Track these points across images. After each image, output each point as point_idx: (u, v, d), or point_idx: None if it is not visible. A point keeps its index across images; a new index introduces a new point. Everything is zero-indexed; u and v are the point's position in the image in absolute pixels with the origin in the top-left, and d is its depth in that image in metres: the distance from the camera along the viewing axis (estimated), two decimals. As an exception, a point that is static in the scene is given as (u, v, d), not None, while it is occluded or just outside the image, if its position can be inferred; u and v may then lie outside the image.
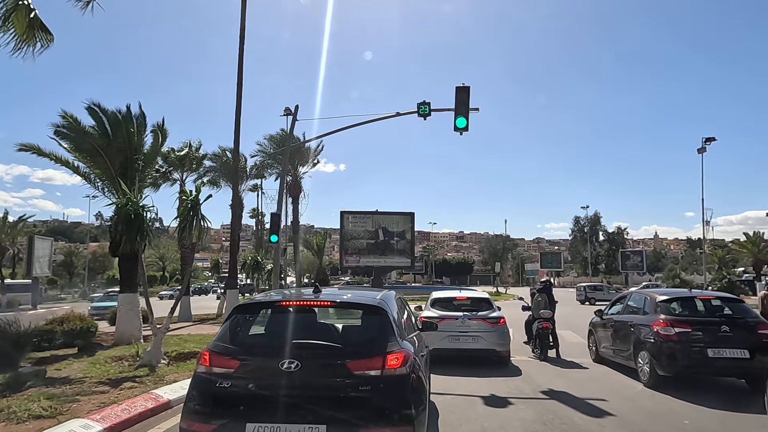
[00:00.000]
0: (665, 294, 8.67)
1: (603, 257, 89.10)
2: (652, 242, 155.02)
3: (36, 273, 38.90)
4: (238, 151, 25.69)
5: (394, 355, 3.80)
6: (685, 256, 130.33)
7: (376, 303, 4.27)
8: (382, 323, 4.07)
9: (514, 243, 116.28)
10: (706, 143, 36.56)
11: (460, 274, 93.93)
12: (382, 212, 29.72)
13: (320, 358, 3.80)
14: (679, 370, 7.42)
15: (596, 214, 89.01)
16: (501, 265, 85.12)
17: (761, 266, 46.85)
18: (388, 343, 3.89)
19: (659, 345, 7.56)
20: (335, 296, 4.79)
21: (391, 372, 3.72)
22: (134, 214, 9.43)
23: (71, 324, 12.00)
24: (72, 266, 66.58)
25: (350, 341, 4.29)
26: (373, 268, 30.07)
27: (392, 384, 3.70)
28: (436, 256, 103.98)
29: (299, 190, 29.31)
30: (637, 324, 8.38)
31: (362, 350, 3.89)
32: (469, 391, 7.57)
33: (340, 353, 3.85)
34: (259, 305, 4.57)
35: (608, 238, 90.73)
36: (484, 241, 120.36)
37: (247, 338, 4.21)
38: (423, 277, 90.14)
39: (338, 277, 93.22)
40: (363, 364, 3.72)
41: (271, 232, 13.64)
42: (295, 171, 29.33)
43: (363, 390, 3.63)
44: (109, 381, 7.51)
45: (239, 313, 4.30)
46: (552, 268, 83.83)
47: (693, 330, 7.46)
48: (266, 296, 5.13)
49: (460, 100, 13.02)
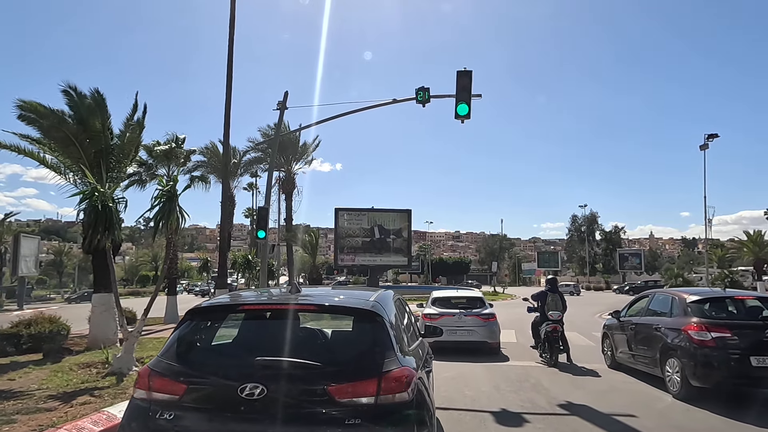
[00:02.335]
0: (696, 294, 7.69)
1: (600, 257, 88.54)
2: (648, 242, 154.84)
3: (22, 272, 37.80)
4: (228, 145, 24.64)
5: (393, 375, 2.85)
6: (682, 255, 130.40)
7: (369, 307, 3.32)
8: (376, 333, 3.12)
9: (510, 242, 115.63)
10: (708, 140, 35.81)
11: (456, 273, 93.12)
12: (378, 209, 28.77)
13: (294, 381, 2.80)
14: (718, 381, 6.53)
15: (593, 213, 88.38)
16: (498, 264, 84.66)
17: (762, 265, 46.17)
18: (385, 359, 2.94)
19: (693, 352, 6.66)
20: (318, 298, 3.76)
21: (389, 399, 2.78)
22: (101, 206, 8.44)
23: (39, 326, 11.02)
24: (62, 266, 65.24)
25: (335, 357, 3.23)
26: (368, 267, 29.09)
27: (390, 414, 2.75)
28: (432, 255, 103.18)
29: (293, 187, 28.31)
30: (664, 327, 7.48)
31: (351, 370, 2.90)
32: (478, 405, 6.66)
33: (319, 374, 2.85)
34: (218, 309, 3.55)
35: (605, 238, 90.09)
36: (481, 240, 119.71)
37: (199, 354, 3.22)
38: (419, 276, 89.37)
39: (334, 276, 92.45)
40: (351, 388, 2.76)
41: (258, 227, 12.70)
42: (289, 167, 28.31)
43: (351, 424, 2.67)
44: (63, 394, 6.54)
45: (193, 319, 3.28)
46: (549, 268, 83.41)
47: (732, 335, 6.56)
48: (229, 297, 4.07)
49: (461, 85, 12.11)
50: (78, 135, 10.60)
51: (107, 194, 8.80)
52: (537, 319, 10.50)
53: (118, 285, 10.57)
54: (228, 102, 21.38)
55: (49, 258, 67.45)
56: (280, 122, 13.12)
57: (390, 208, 29.41)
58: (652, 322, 7.99)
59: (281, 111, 13.15)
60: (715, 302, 7.48)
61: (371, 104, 13.14)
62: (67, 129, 10.50)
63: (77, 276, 61.71)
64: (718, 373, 6.46)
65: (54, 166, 11.01)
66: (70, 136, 10.52)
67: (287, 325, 3.27)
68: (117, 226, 8.69)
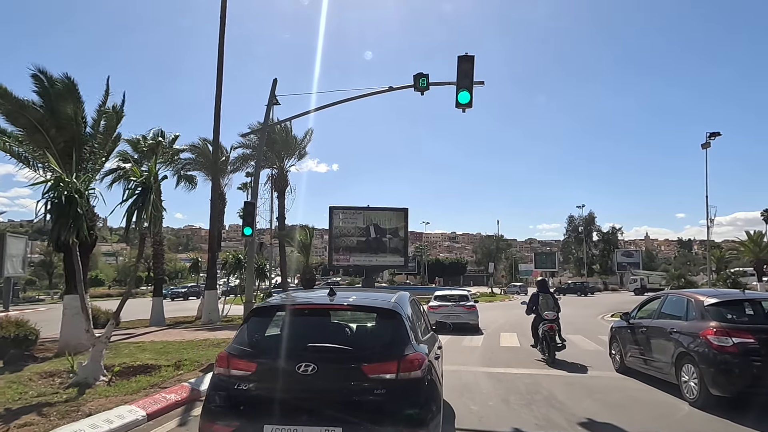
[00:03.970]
0: (713, 296, 7.24)
1: (597, 257, 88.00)
2: (643, 243, 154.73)
3: (8, 273, 36.65)
4: (218, 140, 23.82)
5: (409, 358, 3.78)
6: (678, 256, 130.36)
7: (390, 306, 4.26)
8: (396, 326, 4.06)
9: (507, 243, 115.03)
10: (710, 138, 35.13)
11: (453, 274, 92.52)
12: (374, 208, 27.90)
13: (336, 361, 3.81)
14: (740, 390, 6.12)
15: (591, 213, 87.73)
16: (494, 265, 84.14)
17: (762, 266, 45.65)
18: (404, 346, 3.89)
19: (712, 358, 6.26)
20: (350, 299, 4.65)
21: (406, 375, 3.71)
22: (66, 198, 7.57)
23: (4, 331, 10.16)
24: (52, 266, 63.96)
25: (365, 344, 4.26)
26: (364, 267, 28.19)
27: (407, 387, 3.70)
28: (429, 256, 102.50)
29: (285, 184, 27.38)
30: (679, 331, 7.09)
31: (377, 354, 3.85)
32: (487, 424, 5.83)
33: (355, 357, 3.85)
34: (275, 308, 4.55)
35: (602, 238, 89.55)
36: (477, 241, 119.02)
37: (264, 341, 4.21)
38: (416, 277, 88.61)
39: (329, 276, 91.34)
40: (378, 367, 3.70)
41: (245, 223, 11.81)
42: (281, 163, 27.37)
43: (378, 393, 3.63)
44: (6, 412, 5.66)
45: (256, 315, 4.37)
46: (546, 269, 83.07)
47: (756, 340, 6.14)
48: (282, 299, 5.14)
49: (463, 71, 11.28)
50: (44, 121, 9.71)
51: (74, 185, 7.93)
52: (535, 320, 11.05)
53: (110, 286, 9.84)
54: (218, 95, 20.55)
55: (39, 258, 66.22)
56: (268, 111, 12.26)
57: (386, 207, 28.52)
58: (665, 325, 7.58)
59: (270, 100, 12.29)
60: (733, 305, 7.05)
61: (366, 92, 12.29)
62: (31, 114, 9.61)
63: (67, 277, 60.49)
64: (740, 381, 6.07)
65: (20, 155, 10.11)
66: (34, 123, 9.63)
67: (326, 320, 4.37)
68: (83, 221, 7.80)
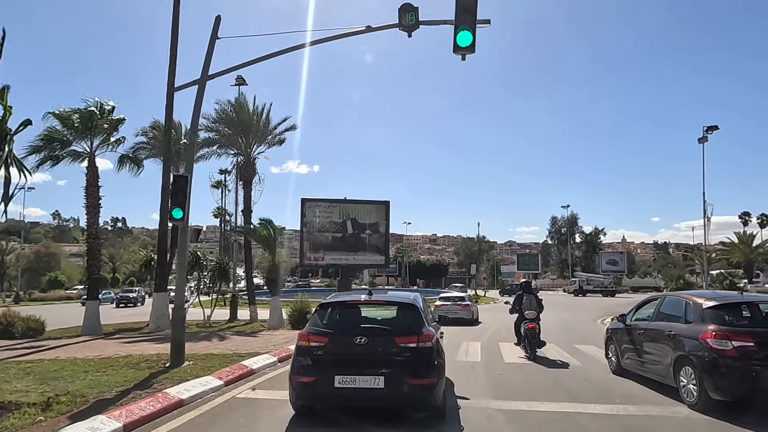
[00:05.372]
0: (712, 298, 7.11)
1: (580, 258, 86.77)
2: (620, 246, 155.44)
3: None
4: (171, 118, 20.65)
5: (425, 334, 5.68)
6: (658, 258, 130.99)
7: (410, 301, 6.26)
8: (415, 314, 5.97)
9: (489, 245, 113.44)
10: (707, 132, 33.47)
11: (434, 276, 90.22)
12: (352, 200, 25.09)
13: (379, 335, 5.79)
14: (741, 394, 6.08)
15: (573, 214, 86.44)
16: (476, 267, 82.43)
17: (752, 266, 44.45)
18: (421, 327, 5.77)
19: (712, 362, 6.20)
20: (383, 297, 6.81)
21: (423, 345, 5.59)
22: None
23: None
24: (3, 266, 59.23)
25: (396, 325, 6.02)
26: (340, 266, 25.26)
27: (424, 352, 5.58)
28: (410, 257, 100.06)
29: (253, 173, 24.33)
30: (678, 334, 6.99)
31: (404, 331, 5.72)
32: None
33: (390, 333, 5.81)
34: (334, 303, 6.46)
35: (585, 240, 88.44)
36: (458, 243, 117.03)
37: (330, 323, 6.03)
38: (396, 279, 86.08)
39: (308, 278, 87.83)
40: (405, 339, 5.59)
41: (174, 203, 8.91)
42: (248, 149, 24.34)
43: (406, 355, 5.53)
44: None
45: (321, 309, 6.25)
46: (529, 270, 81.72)
47: (755, 344, 6.07)
48: (336, 297, 7.04)
49: (463, 6, 8.64)
50: None
51: None
52: (517, 319, 11.54)
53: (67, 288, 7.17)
54: (172, 72, 17.30)
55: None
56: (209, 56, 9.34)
57: (365, 200, 25.75)
58: (663, 327, 7.47)
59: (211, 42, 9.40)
60: (732, 308, 6.91)
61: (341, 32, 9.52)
62: None
63: (20, 277, 55.97)
64: (741, 385, 6.01)
65: None
66: None
67: (367, 310, 6.47)
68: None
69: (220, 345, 12.51)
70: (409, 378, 5.34)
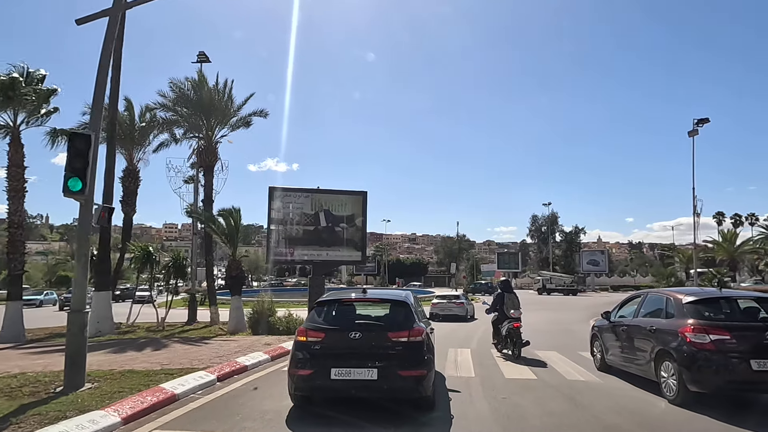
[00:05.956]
0: (692, 294, 7.31)
1: (560, 257, 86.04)
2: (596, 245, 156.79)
3: None
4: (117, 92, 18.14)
5: (415, 329, 5.94)
6: (635, 258, 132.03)
7: (402, 298, 6.52)
8: (407, 311, 6.25)
9: (470, 243, 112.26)
10: (697, 125, 32.18)
11: (414, 275, 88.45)
12: (326, 190, 22.75)
13: (372, 330, 6.06)
14: (718, 386, 6.09)
15: (554, 213, 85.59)
16: (456, 266, 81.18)
17: (736, 265, 43.78)
18: (412, 322, 6.05)
19: (691, 355, 6.24)
20: (376, 295, 6.93)
21: (414, 339, 5.84)
22: None
23: None
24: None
25: (389, 321, 6.31)
26: (312, 263, 22.88)
27: (414, 345, 5.81)
28: (389, 256, 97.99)
29: (214, 159, 21.75)
30: (659, 329, 7.04)
31: (397, 326, 5.99)
32: None
33: (383, 328, 6.10)
34: (330, 301, 6.64)
35: (565, 238, 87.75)
36: (438, 242, 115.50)
37: (327, 319, 6.27)
38: (375, 278, 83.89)
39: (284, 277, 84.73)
40: (397, 334, 5.84)
41: (70, 170, 6.49)
42: (210, 132, 21.77)
43: (398, 349, 5.75)
44: None
45: (319, 306, 6.52)
46: (509, 269, 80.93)
47: (732, 337, 6.16)
48: (332, 295, 7.07)
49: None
50: None
51: None
52: (495, 318, 11.26)
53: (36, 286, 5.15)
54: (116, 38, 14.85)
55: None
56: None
57: (340, 189, 23.45)
58: (645, 323, 7.58)
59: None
60: (711, 303, 7.06)
61: None
62: None
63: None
64: (717, 377, 6.09)
65: None
66: None
67: (362, 307, 6.73)
68: None
69: (152, 357, 10.14)
70: (401, 370, 5.59)
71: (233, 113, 21.96)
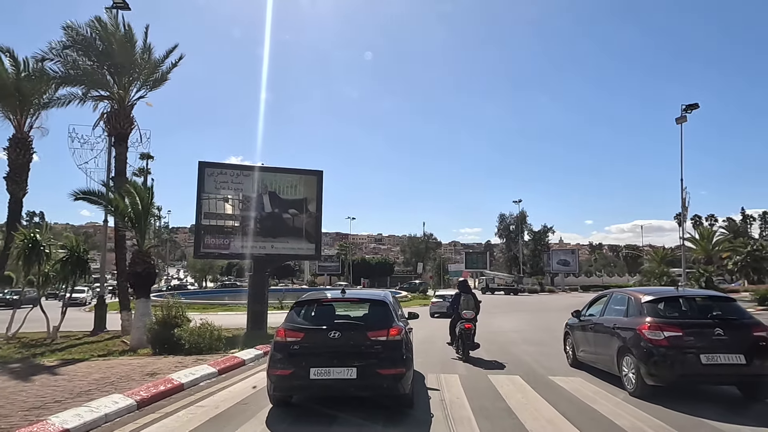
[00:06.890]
0: (651, 293, 7.70)
1: (528, 257, 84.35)
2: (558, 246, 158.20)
3: None
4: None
5: (394, 328, 6.07)
6: (599, 258, 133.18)
7: (381, 298, 6.72)
8: (385, 310, 6.41)
9: (436, 243, 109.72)
10: (686, 111, 29.94)
11: (380, 275, 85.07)
12: (271, 168, 18.65)
13: (351, 329, 6.12)
14: (671, 379, 6.55)
15: (523, 212, 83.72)
16: (423, 265, 78.53)
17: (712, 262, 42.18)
18: (391, 321, 6.19)
19: (647, 351, 6.67)
20: (356, 295, 7.41)
21: (392, 338, 5.98)
22: None
23: None
24: None
25: (368, 320, 6.44)
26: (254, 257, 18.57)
27: (393, 344, 5.96)
28: (354, 255, 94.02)
29: (129, 126, 17.27)
30: (620, 327, 7.47)
31: (375, 325, 6.12)
32: None
33: (362, 327, 6.17)
34: (309, 301, 6.74)
35: (534, 238, 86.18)
36: (404, 242, 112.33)
37: (305, 319, 6.39)
38: (339, 278, 79.62)
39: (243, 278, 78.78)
40: (376, 333, 5.96)
41: None
42: (122, 90, 17.17)
43: (376, 348, 5.89)
44: None
45: (298, 306, 6.61)
46: (477, 269, 78.98)
47: (684, 334, 6.59)
48: (311, 296, 7.09)
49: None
50: None
51: None
52: (453, 319, 11.33)
53: None
54: None
55: None
56: None
57: (290, 168, 19.38)
58: (609, 321, 7.94)
59: None
60: (668, 302, 7.46)
61: None
62: None
63: None
64: (671, 371, 6.49)
65: None
66: None
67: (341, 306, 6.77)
68: None
69: None
70: (380, 368, 5.74)
71: (153, 67, 17.43)
